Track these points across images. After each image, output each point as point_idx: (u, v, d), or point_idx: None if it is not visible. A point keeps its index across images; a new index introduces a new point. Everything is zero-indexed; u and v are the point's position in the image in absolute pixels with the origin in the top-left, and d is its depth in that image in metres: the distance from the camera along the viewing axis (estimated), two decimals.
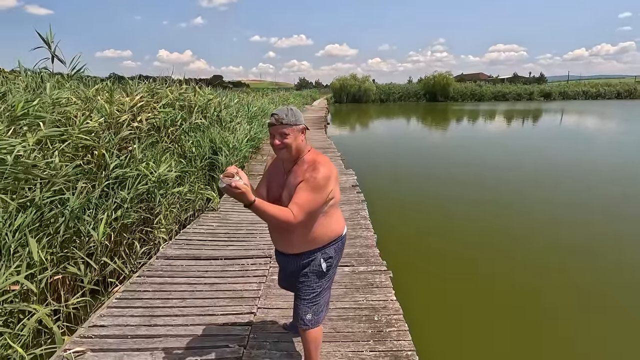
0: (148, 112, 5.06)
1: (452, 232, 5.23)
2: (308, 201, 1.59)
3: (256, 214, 1.52)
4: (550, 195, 6.95)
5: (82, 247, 3.35)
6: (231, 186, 1.38)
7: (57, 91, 3.96)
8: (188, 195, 5.13)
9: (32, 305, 2.46)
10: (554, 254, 4.49)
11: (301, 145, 1.68)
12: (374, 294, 2.83)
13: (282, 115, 1.61)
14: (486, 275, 4.05)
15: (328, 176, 1.64)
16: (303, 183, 1.60)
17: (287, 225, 1.56)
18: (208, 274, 3.13)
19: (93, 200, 3.67)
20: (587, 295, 3.66)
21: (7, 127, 3.16)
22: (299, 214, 1.56)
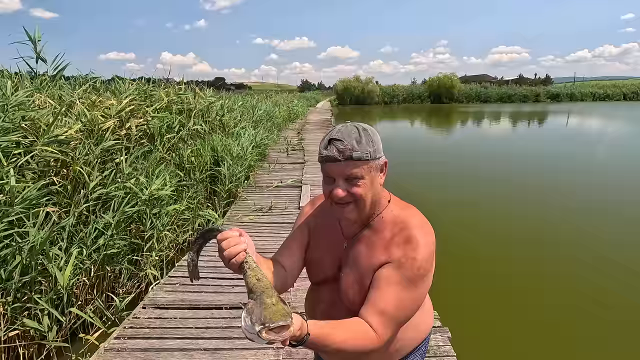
0: (139, 117, 4.34)
1: (516, 261, 4.17)
2: (402, 306, 0.87)
3: (311, 349, 0.79)
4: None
5: (48, 292, 2.63)
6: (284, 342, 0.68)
7: (21, 91, 3.22)
8: (186, 214, 4.41)
9: None
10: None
11: (379, 193, 0.94)
12: None
13: (350, 142, 0.86)
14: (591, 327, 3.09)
15: (432, 251, 0.92)
16: (391, 269, 0.88)
17: (364, 355, 0.84)
18: (209, 332, 2.39)
19: (67, 228, 2.95)
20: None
21: None
22: (386, 330, 0.85)
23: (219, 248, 0.81)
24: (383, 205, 0.97)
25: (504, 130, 19.65)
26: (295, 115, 18.34)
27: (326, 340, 0.78)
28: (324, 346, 0.78)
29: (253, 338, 0.66)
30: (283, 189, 5.87)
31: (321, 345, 0.78)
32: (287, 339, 0.68)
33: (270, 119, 11.92)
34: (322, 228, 1.06)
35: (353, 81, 46.55)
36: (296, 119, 18.12)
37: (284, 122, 15.01)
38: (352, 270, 0.95)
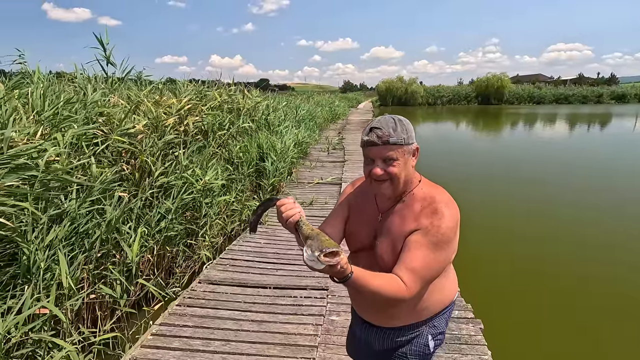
0: (195, 115, 4.76)
1: (551, 260, 4.17)
2: (428, 265, 1.02)
3: (350, 288, 0.98)
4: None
5: (119, 264, 3.03)
6: (334, 266, 0.86)
7: (99, 92, 3.71)
8: (234, 205, 4.77)
9: (58, 340, 2.12)
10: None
11: (411, 173, 1.10)
12: (464, 353, 2.18)
13: (387, 130, 1.04)
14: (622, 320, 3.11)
15: (456, 223, 1.06)
16: (420, 235, 1.03)
17: (395, 302, 1.01)
18: (255, 306, 2.65)
19: (135, 211, 3.37)
20: None
21: (34, 129, 2.90)
22: (415, 285, 1.00)
23: (278, 212, 1.02)
24: (414, 184, 1.13)
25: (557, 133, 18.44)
26: (337, 116, 18.55)
27: (365, 282, 0.96)
28: (362, 286, 0.96)
29: (314, 264, 0.85)
30: (323, 186, 6.08)
31: (360, 285, 0.95)
32: (338, 264, 0.86)
33: (312, 118, 12.23)
34: (361, 204, 1.24)
35: (396, 82, 45.91)
36: (337, 119, 18.34)
37: (326, 122, 15.28)
38: (386, 238, 1.11)
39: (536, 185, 7.71)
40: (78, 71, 5.09)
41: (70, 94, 3.83)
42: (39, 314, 2.22)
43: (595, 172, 8.93)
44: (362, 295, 1.13)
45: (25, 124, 2.85)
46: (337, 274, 0.90)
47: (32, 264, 2.29)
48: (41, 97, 3.29)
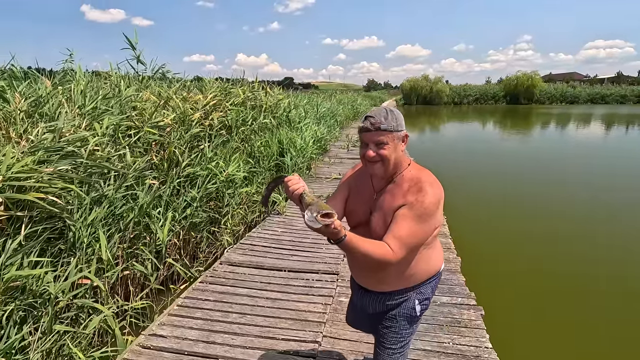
0: (220, 110, 5.05)
1: (556, 257, 4.31)
2: (413, 234, 1.19)
3: (344, 250, 1.16)
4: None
5: (150, 245, 3.34)
6: (329, 227, 1.05)
7: (133, 87, 4.05)
8: (255, 197, 5.03)
9: (98, 305, 2.42)
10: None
11: (401, 157, 1.28)
12: (463, 335, 2.31)
13: (379, 118, 1.22)
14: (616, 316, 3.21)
15: (438, 199, 1.23)
16: (406, 209, 1.21)
17: (382, 265, 1.19)
18: (270, 286, 2.88)
19: (164, 197, 3.68)
20: None
21: (80, 121, 3.24)
22: (400, 250, 1.18)
23: (285, 186, 1.22)
24: (404, 167, 1.30)
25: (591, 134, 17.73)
26: (359, 114, 18.63)
27: (357, 245, 1.14)
28: (354, 248, 1.14)
29: (312, 224, 1.04)
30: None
31: (352, 247, 1.14)
32: (333, 223, 1.04)
33: (333, 116, 12.40)
34: (359, 185, 1.42)
35: (421, 80, 45.26)
36: (359, 117, 18.43)
37: (347, 120, 15.41)
38: (378, 214, 1.29)
39: (557, 186, 7.62)
40: (113, 69, 5.50)
41: (107, 90, 4.19)
42: (82, 283, 2.53)
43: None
44: (355, 258, 1.30)
45: (69, 116, 3.20)
46: (332, 235, 1.09)
47: (76, 240, 2.61)
48: (81, 93, 3.66)
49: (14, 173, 2.18)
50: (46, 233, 2.40)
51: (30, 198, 2.20)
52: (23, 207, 2.30)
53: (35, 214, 2.36)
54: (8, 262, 2.07)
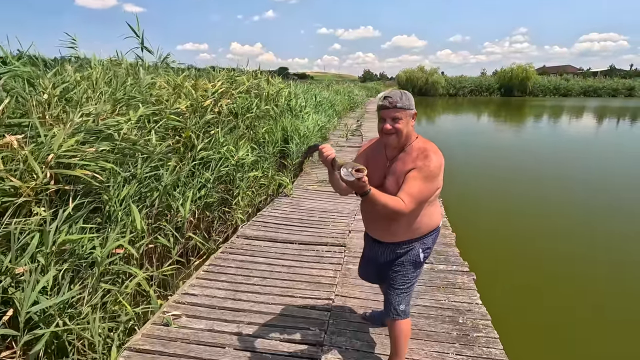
0: (227, 98, 5.31)
1: (539, 233, 4.86)
2: (420, 191, 1.50)
3: (369, 201, 1.46)
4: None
5: (170, 221, 3.63)
6: (360, 180, 1.35)
7: (150, 76, 4.30)
8: (262, 181, 5.32)
9: (133, 269, 2.71)
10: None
11: (411, 131, 1.59)
12: (456, 295, 2.66)
13: (396, 98, 1.52)
14: (585, 280, 3.73)
15: (440, 164, 1.54)
16: (415, 172, 1.51)
17: (397, 215, 1.50)
18: (285, 256, 3.20)
19: (182, 179, 3.95)
20: None
21: (112, 107, 3.50)
22: (411, 203, 1.49)
23: (320, 152, 1.52)
24: (413, 139, 1.61)
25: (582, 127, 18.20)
26: (355, 104, 18.86)
27: (378, 197, 1.45)
28: (376, 200, 1.44)
29: (348, 178, 1.34)
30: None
31: (375, 199, 1.44)
32: (363, 176, 1.34)
33: (332, 106, 12.64)
34: (375, 155, 1.72)
35: (417, 71, 45.42)
36: (356, 107, 18.66)
37: (344, 110, 15.66)
38: (392, 177, 1.60)
39: (549, 171, 8.13)
40: (123, 58, 5.70)
41: (124, 78, 4.42)
42: (115, 253, 2.83)
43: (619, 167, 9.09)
44: (374, 212, 1.61)
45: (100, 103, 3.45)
46: (361, 187, 1.39)
47: (111, 213, 2.89)
48: (103, 79, 3.89)
49: (62, 152, 2.45)
50: (89, 206, 2.68)
51: (77, 174, 2.48)
52: (69, 182, 2.57)
53: (79, 188, 2.63)
54: (61, 228, 2.35)
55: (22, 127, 2.70)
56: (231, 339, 2.16)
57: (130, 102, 3.68)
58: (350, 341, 2.17)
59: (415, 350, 2.10)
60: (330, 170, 1.57)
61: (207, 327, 2.27)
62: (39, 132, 2.58)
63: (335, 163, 1.46)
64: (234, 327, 2.27)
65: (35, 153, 2.43)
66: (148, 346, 2.10)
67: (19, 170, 2.33)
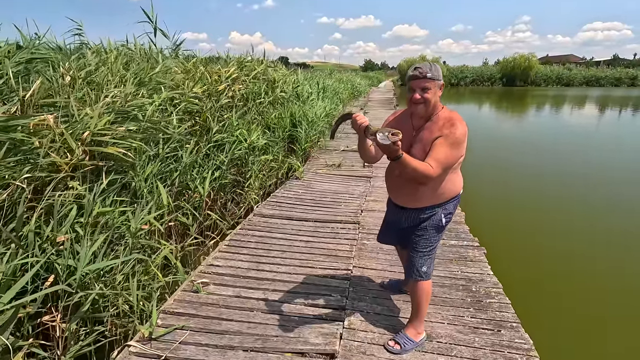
0: (239, 83, 5.39)
1: (545, 211, 5.17)
2: (447, 157, 1.61)
3: (399, 166, 1.57)
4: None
5: (188, 201, 3.75)
6: (395, 143, 1.45)
7: (169, 60, 4.37)
8: (272, 164, 5.43)
9: (162, 242, 2.85)
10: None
11: (438, 101, 1.69)
12: (468, 266, 2.80)
13: (425, 69, 1.63)
14: (586, 254, 3.96)
15: (465, 132, 1.64)
16: (442, 139, 1.62)
17: (425, 179, 1.61)
18: (302, 232, 3.33)
19: (198, 160, 4.07)
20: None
21: (136, 90, 3.60)
22: (438, 168, 1.60)
23: (353, 120, 1.63)
24: (439, 109, 1.72)
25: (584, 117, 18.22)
26: (359, 93, 18.85)
27: (409, 161, 1.55)
28: (407, 164, 1.55)
29: (384, 141, 1.45)
30: (349, 152, 6.68)
31: (407, 163, 1.54)
32: (399, 139, 1.44)
33: (336, 94, 12.68)
34: (401, 125, 1.82)
35: (418, 61, 45.11)
36: (359, 96, 18.66)
37: (348, 99, 15.69)
38: (419, 145, 1.71)
39: (553, 156, 8.31)
40: (138, 44, 5.75)
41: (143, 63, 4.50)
42: (143, 228, 2.95)
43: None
44: (402, 176, 1.73)
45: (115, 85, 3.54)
46: (395, 152, 1.49)
47: (138, 190, 3.01)
48: (121, 64, 3.97)
49: (97, 130, 2.56)
50: (119, 182, 2.80)
51: (110, 151, 2.59)
52: (102, 158, 2.69)
53: (111, 165, 2.75)
54: (96, 201, 2.47)
55: (54, 107, 2.80)
56: (258, 304, 2.30)
57: (153, 85, 3.77)
58: (370, 306, 2.31)
59: (432, 314, 2.24)
60: (361, 137, 1.69)
61: (235, 293, 2.41)
62: (72, 112, 2.68)
63: (369, 129, 1.57)
64: (259, 293, 2.41)
65: (69, 131, 2.53)
66: (181, 309, 2.24)
67: (54, 147, 2.44)
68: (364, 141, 1.75)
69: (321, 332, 2.03)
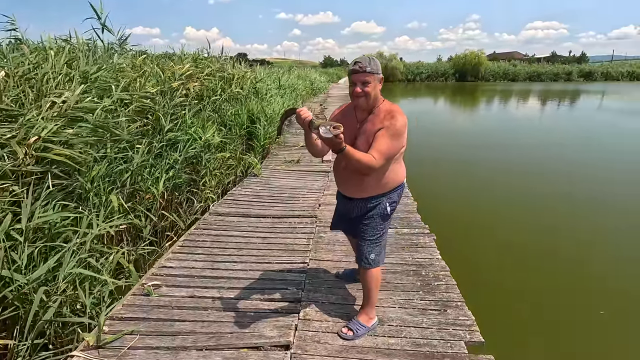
0: (194, 81, 5.23)
1: (491, 198, 5.66)
2: (389, 147, 1.69)
3: (344, 158, 1.63)
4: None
5: (141, 202, 3.61)
6: (337, 137, 1.49)
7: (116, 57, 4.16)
8: (230, 161, 5.34)
9: (112, 246, 2.72)
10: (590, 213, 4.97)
11: (378, 94, 1.77)
12: (419, 252, 2.94)
13: (365, 63, 1.69)
14: (531, 238, 4.30)
15: (405, 124, 1.73)
16: (383, 130, 1.70)
17: (368, 170, 1.68)
18: (259, 229, 3.33)
19: (150, 160, 3.91)
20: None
21: (84, 91, 3.37)
22: (380, 159, 1.67)
23: (297, 115, 1.66)
24: (380, 102, 1.80)
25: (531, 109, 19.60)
26: (318, 89, 18.94)
27: (353, 153, 1.62)
28: (351, 156, 1.61)
29: (326, 134, 1.49)
30: None
31: (350, 155, 1.61)
32: (340, 132, 1.49)
33: (294, 90, 12.67)
34: (345, 118, 1.88)
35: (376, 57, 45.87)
36: (318, 92, 18.75)
37: (308, 95, 15.72)
38: (362, 137, 1.78)
39: (501, 148, 8.86)
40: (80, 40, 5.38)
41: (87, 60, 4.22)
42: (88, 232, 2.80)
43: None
44: (348, 168, 1.79)
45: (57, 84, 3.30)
46: (338, 144, 1.55)
47: (85, 193, 2.85)
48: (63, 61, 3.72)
49: (46, 135, 2.39)
50: (63, 187, 2.63)
51: (56, 158, 2.44)
52: (46, 163, 2.52)
53: (56, 169, 2.58)
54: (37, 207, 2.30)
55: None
56: (213, 303, 2.28)
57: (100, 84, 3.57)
58: (326, 296, 2.37)
59: (384, 299, 2.34)
60: (307, 131, 1.72)
61: (188, 294, 2.37)
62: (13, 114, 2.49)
63: (313, 124, 1.61)
64: (214, 292, 2.39)
65: (8, 135, 2.35)
66: (130, 314, 2.17)
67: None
68: (309, 135, 1.79)
69: (276, 325, 2.06)
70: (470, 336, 2.00)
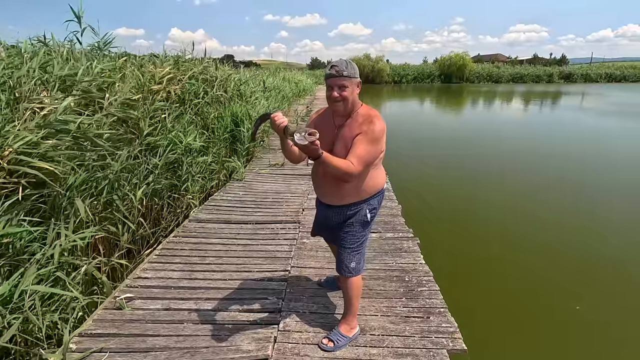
0: (175, 84, 5.11)
1: (476, 203, 5.64)
2: (367, 153, 1.64)
3: (322, 165, 1.57)
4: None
5: (119, 210, 3.48)
6: (313, 143, 1.43)
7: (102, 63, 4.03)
8: (212, 166, 5.23)
9: (82, 258, 2.60)
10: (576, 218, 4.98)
11: (356, 98, 1.71)
12: (403, 257, 2.91)
13: (342, 67, 1.63)
14: (513, 242, 4.33)
15: (383, 129, 1.68)
16: (361, 136, 1.65)
17: (347, 176, 1.62)
18: (240, 236, 3.24)
19: (127, 167, 3.78)
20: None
21: (62, 98, 3.23)
22: (359, 165, 1.62)
23: (272, 120, 1.59)
24: (358, 106, 1.75)
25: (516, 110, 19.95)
26: (304, 91, 18.89)
27: (330, 160, 1.56)
28: (329, 162, 1.55)
29: (301, 142, 1.42)
30: None
31: (328, 162, 1.55)
32: (316, 139, 1.43)
33: (280, 92, 12.58)
34: (323, 123, 1.83)
35: (363, 59, 46.15)
36: (305, 94, 18.70)
37: (294, 97, 15.65)
38: (340, 142, 1.72)
39: (487, 149, 8.98)
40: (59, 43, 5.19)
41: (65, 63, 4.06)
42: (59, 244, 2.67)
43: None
44: (326, 175, 1.73)
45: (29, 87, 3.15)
46: (314, 151, 1.49)
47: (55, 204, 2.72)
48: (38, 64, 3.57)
49: (20, 147, 2.27)
50: (33, 199, 2.50)
51: (32, 171, 2.31)
52: (19, 175, 2.39)
53: (29, 181, 2.45)
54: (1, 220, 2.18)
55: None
56: (189, 315, 2.19)
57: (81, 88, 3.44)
58: (306, 305, 2.30)
59: (367, 307, 2.29)
60: (282, 138, 1.66)
61: (164, 306, 2.27)
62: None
63: (288, 130, 1.54)
64: (191, 303, 2.30)
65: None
66: (100, 330, 2.07)
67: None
68: (285, 142, 1.73)
69: (254, 337, 1.99)
70: (452, 344, 1.97)
